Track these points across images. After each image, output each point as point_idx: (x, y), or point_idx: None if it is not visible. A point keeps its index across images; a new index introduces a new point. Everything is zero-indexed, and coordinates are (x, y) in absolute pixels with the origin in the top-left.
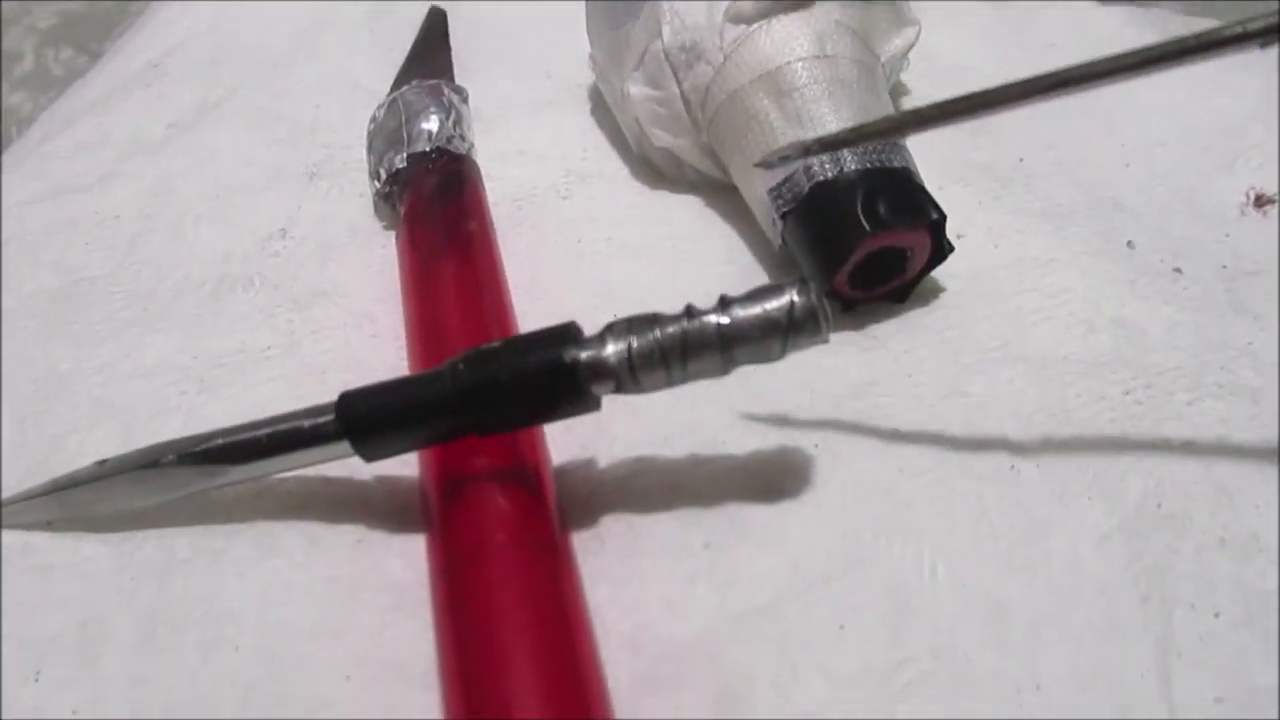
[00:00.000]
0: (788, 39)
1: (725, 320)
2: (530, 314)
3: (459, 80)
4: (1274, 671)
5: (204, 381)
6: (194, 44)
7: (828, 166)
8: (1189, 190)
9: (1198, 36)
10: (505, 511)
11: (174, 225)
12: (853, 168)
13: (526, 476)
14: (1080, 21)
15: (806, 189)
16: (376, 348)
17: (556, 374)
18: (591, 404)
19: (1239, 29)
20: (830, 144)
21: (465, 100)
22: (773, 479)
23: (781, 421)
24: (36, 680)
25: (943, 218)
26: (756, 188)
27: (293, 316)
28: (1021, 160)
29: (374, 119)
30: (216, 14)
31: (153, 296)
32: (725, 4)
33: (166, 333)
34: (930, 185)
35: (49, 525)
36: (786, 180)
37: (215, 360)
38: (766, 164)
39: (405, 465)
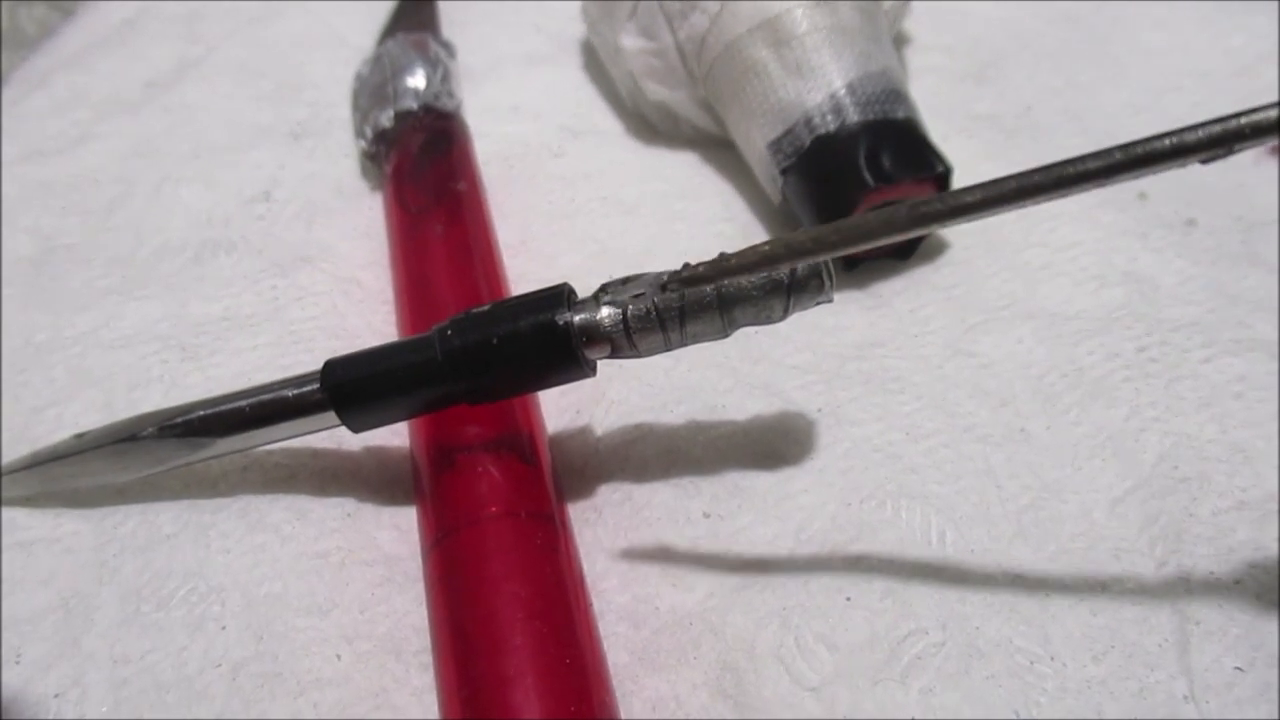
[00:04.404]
0: None
1: (725, 280)
2: (522, 276)
3: (445, 34)
4: None
5: (186, 350)
6: None
7: (829, 119)
8: None
9: (1124, 149)
10: (498, 482)
11: (153, 188)
12: (855, 120)
13: (520, 445)
14: None
15: (808, 143)
16: (364, 313)
17: (549, 338)
18: (586, 369)
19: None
20: (688, 280)
21: (452, 55)
22: (774, 444)
23: (783, 384)
24: (18, 661)
25: (948, 170)
26: (755, 142)
27: (277, 282)
28: (1029, 109)
29: (358, 75)
30: None
31: (132, 262)
32: None
33: (147, 300)
34: (935, 136)
35: (28, 501)
36: (787, 134)
37: (197, 328)
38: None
39: (395, 435)
